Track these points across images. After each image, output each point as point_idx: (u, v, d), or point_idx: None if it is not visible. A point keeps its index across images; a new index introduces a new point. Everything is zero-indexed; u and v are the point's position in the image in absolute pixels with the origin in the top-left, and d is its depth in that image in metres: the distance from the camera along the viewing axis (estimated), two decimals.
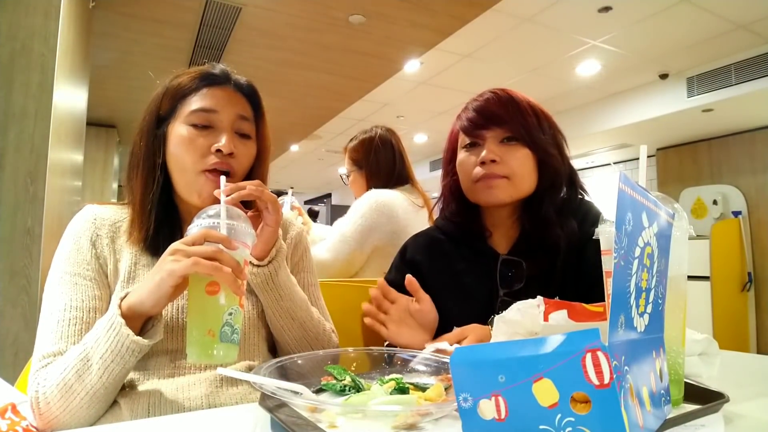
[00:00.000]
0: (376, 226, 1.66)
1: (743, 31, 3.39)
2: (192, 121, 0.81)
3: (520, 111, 0.96)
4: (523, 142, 0.96)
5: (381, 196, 1.71)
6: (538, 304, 0.66)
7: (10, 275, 1.53)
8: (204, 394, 0.75)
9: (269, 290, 0.82)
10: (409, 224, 1.67)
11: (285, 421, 0.48)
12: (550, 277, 0.95)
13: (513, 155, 0.95)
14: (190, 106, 0.82)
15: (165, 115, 0.84)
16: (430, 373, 0.69)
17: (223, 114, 0.82)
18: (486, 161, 0.95)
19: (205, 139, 0.81)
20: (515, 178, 0.95)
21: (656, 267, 0.49)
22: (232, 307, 0.64)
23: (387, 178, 1.81)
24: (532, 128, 0.96)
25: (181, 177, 0.82)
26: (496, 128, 0.96)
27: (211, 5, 2.88)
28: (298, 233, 0.99)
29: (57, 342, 0.72)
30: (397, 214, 1.67)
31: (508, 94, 0.99)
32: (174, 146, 0.82)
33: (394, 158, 1.83)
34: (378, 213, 1.67)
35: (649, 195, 0.48)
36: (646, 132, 4.84)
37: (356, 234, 1.67)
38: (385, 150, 1.83)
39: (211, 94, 0.83)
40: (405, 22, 3.02)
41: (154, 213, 0.82)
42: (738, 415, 0.55)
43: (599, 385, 0.35)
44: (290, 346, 0.87)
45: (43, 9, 1.62)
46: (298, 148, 6.75)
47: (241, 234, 0.68)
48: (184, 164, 0.81)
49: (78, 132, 2.63)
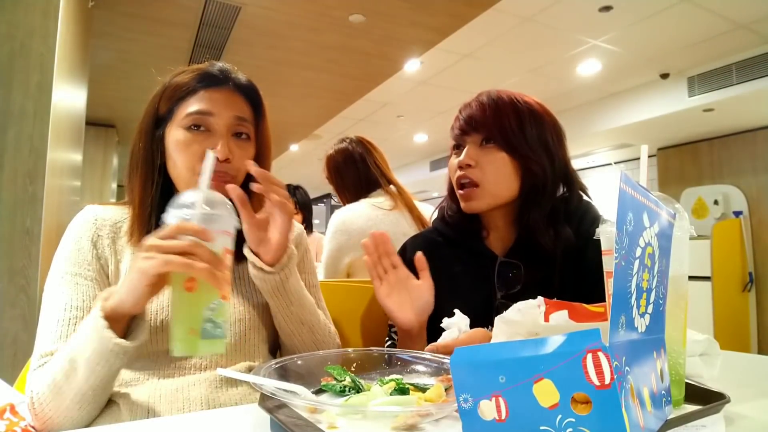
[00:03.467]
0: (342, 247, 1.73)
1: (744, 30, 3.39)
2: (187, 124, 0.80)
3: (499, 114, 0.96)
4: (500, 145, 0.95)
5: (339, 216, 1.77)
6: (539, 305, 0.66)
7: (9, 275, 1.53)
8: (204, 395, 0.75)
9: (279, 297, 0.81)
10: (377, 227, 1.69)
11: (285, 421, 0.48)
12: (548, 280, 0.94)
13: (488, 159, 0.95)
14: (187, 108, 0.81)
15: (163, 116, 0.83)
16: (430, 373, 0.68)
17: (219, 117, 0.81)
18: (462, 165, 0.97)
19: (201, 144, 0.79)
20: (489, 185, 0.95)
21: (657, 267, 0.49)
22: (212, 302, 0.62)
23: (356, 190, 1.84)
24: (508, 132, 0.95)
25: (181, 180, 0.82)
26: (474, 133, 0.97)
27: (211, 4, 2.88)
28: (298, 233, 0.99)
29: (56, 341, 0.72)
30: (358, 226, 1.71)
31: (492, 97, 0.98)
32: (171, 149, 0.82)
33: (357, 170, 1.85)
34: (339, 233, 1.73)
35: (650, 195, 0.48)
36: (647, 132, 4.84)
37: (329, 260, 1.76)
38: (347, 165, 1.86)
39: (208, 96, 0.81)
40: (405, 21, 3.02)
41: (155, 215, 0.82)
42: (739, 416, 0.55)
43: (600, 386, 0.35)
44: (297, 349, 0.86)
45: (42, 8, 1.62)
46: (298, 148, 6.75)
47: (220, 222, 0.64)
48: (182, 168, 0.81)
49: (77, 132, 2.63)
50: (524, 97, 1.00)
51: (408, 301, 0.92)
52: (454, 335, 0.80)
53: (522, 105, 0.98)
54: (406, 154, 7.18)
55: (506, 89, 1.02)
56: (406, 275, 0.94)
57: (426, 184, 7.73)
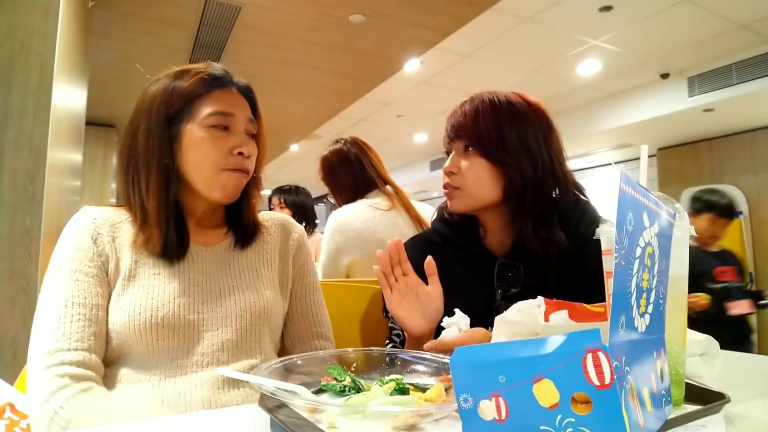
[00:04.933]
0: (340, 248, 1.72)
1: (744, 30, 3.39)
2: (211, 123, 0.83)
3: (477, 122, 0.96)
4: (479, 152, 0.96)
5: (336, 217, 1.76)
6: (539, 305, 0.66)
7: (9, 275, 1.53)
8: (206, 397, 0.75)
9: None
10: (374, 230, 1.71)
11: (285, 421, 0.48)
12: (547, 280, 0.94)
13: (469, 165, 0.96)
14: (206, 108, 0.83)
15: (173, 116, 0.83)
16: (430, 373, 0.68)
17: (238, 117, 0.86)
18: (446, 172, 0.99)
19: (225, 141, 0.84)
20: (469, 190, 0.97)
21: (657, 267, 0.49)
22: None
23: (352, 191, 1.84)
24: (485, 139, 0.95)
25: (200, 176, 0.83)
26: (458, 140, 0.99)
27: (211, 4, 2.88)
28: (300, 235, 0.99)
29: (59, 339, 0.72)
30: (353, 228, 1.71)
31: (474, 104, 0.98)
32: (191, 147, 0.83)
33: (353, 171, 1.84)
34: (337, 234, 1.73)
35: (650, 195, 0.48)
36: (647, 132, 4.84)
37: (327, 262, 1.75)
38: (342, 166, 1.86)
39: (223, 96, 0.86)
40: (405, 21, 3.02)
41: (173, 219, 0.82)
42: (739, 416, 0.55)
43: (600, 386, 0.35)
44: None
45: (42, 8, 1.62)
46: (297, 148, 6.75)
47: None
48: (205, 164, 0.83)
49: (77, 131, 2.63)
50: (511, 96, 0.99)
51: (418, 308, 0.92)
52: (454, 334, 0.80)
53: (503, 108, 0.97)
54: (406, 154, 7.18)
55: (504, 89, 1.01)
56: (416, 282, 0.93)
57: (426, 184, 7.73)
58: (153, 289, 0.79)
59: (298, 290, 0.96)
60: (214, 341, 0.80)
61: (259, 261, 0.91)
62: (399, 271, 0.93)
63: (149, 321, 0.76)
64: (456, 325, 0.81)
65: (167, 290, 0.79)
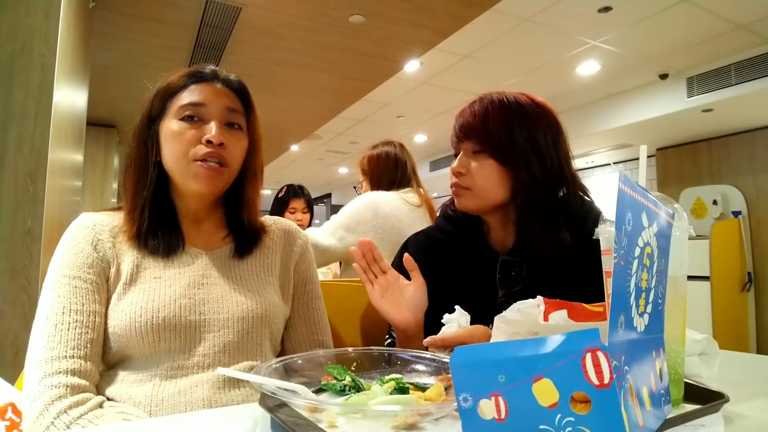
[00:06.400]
0: (363, 220, 1.81)
1: (743, 31, 3.39)
2: (181, 115, 0.83)
3: (487, 123, 0.96)
4: (488, 153, 0.96)
5: (371, 194, 1.88)
6: (538, 304, 0.66)
7: (10, 275, 1.53)
8: (206, 397, 0.75)
9: None
10: (399, 220, 1.81)
11: (285, 421, 0.48)
12: (550, 279, 0.94)
13: (478, 166, 0.96)
14: (180, 101, 0.84)
15: (156, 114, 0.86)
16: (430, 373, 0.69)
17: (212, 107, 0.84)
18: (454, 172, 0.99)
19: (196, 131, 0.83)
20: (478, 191, 0.97)
21: (656, 267, 0.49)
22: None
23: (388, 185, 1.99)
24: (495, 140, 0.95)
25: (176, 168, 0.84)
26: (466, 140, 0.98)
27: (211, 5, 2.88)
28: (304, 242, 1.00)
29: (56, 346, 0.72)
30: (383, 211, 1.81)
31: (483, 104, 0.98)
32: (165, 141, 0.84)
33: (396, 169, 2.01)
34: (365, 208, 1.82)
35: (649, 195, 0.48)
36: (646, 132, 4.83)
37: (345, 220, 1.83)
38: (388, 163, 2.03)
39: (199, 89, 0.85)
40: (405, 22, 3.02)
41: (148, 209, 0.84)
42: (738, 415, 0.55)
43: (599, 385, 0.35)
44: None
45: (43, 9, 1.62)
46: (298, 148, 6.75)
47: None
48: (176, 156, 0.83)
49: (78, 132, 2.63)
50: (519, 97, 0.99)
51: (402, 300, 0.93)
52: (453, 330, 0.80)
53: (513, 109, 0.97)
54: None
55: (507, 90, 1.01)
56: (396, 277, 0.95)
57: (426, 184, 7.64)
58: (154, 292, 0.79)
59: (301, 297, 0.97)
60: (216, 342, 0.80)
61: (261, 265, 0.91)
62: (377, 269, 0.95)
63: (150, 322, 0.76)
64: (456, 321, 0.81)
65: (168, 292, 0.80)
